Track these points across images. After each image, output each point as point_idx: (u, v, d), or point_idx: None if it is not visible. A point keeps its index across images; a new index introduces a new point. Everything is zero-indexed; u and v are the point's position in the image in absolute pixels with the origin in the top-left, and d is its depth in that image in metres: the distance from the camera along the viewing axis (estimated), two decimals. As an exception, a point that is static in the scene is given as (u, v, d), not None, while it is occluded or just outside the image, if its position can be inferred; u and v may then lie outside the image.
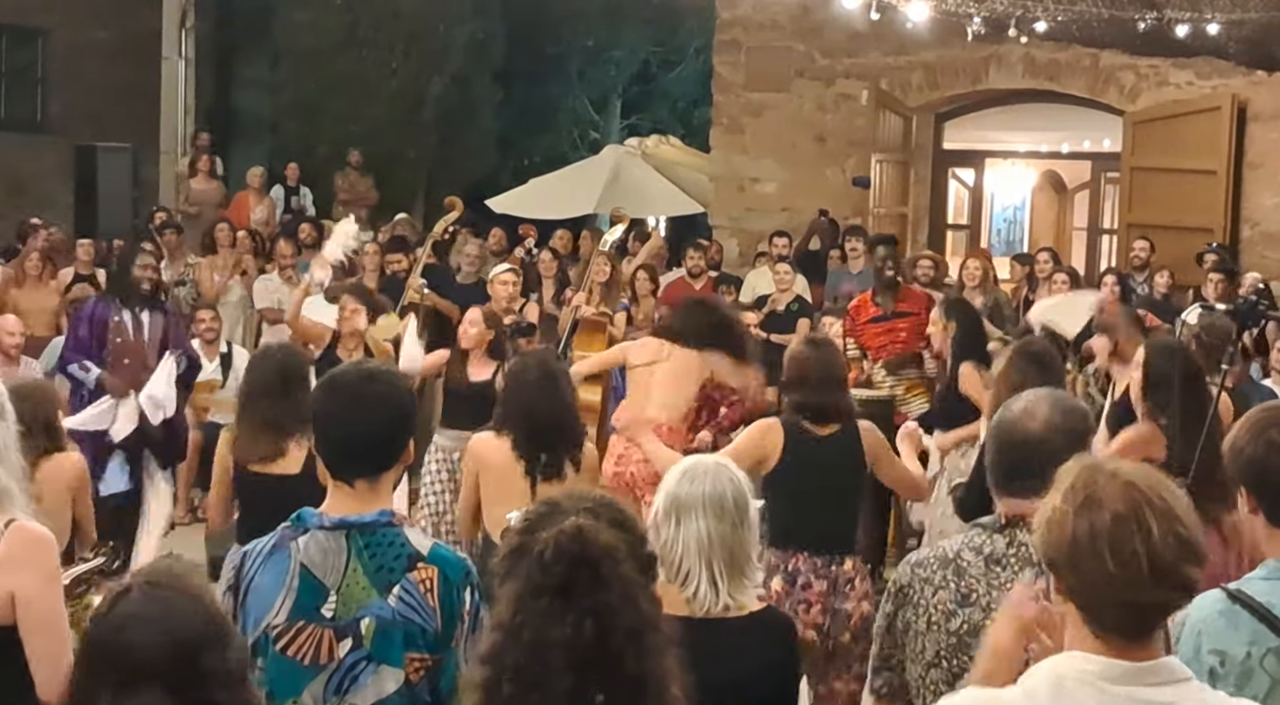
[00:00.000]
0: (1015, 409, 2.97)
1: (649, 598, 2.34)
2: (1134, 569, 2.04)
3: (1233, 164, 12.62)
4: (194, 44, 16.80)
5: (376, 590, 2.84)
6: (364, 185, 16.36)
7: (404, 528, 2.93)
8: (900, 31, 12.90)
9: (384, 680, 2.83)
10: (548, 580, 2.26)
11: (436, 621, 2.84)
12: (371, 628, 2.83)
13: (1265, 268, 11.99)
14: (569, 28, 22.17)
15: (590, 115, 23.96)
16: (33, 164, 15.18)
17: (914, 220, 14.94)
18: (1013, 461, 2.89)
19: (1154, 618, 2.12)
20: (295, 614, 2.84)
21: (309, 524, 2.89)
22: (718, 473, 3.24)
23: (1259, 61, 12.76)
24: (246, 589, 2.88)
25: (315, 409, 3.00)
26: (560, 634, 2.22)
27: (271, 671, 2.84)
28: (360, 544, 2.86)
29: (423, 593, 2.84)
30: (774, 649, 3.26)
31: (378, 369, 3.11)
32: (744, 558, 3.21)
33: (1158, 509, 2.07)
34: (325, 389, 3.01)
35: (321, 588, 2.84)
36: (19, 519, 3.20)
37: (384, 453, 2.93)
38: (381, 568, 2.85)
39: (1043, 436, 2.87)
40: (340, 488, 2.92)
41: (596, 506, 2.44)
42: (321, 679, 2.83)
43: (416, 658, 2.84)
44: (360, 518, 2.86)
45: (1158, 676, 2.09)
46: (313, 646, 2.83)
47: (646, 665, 2.26)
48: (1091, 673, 2.08)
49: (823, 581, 5.02)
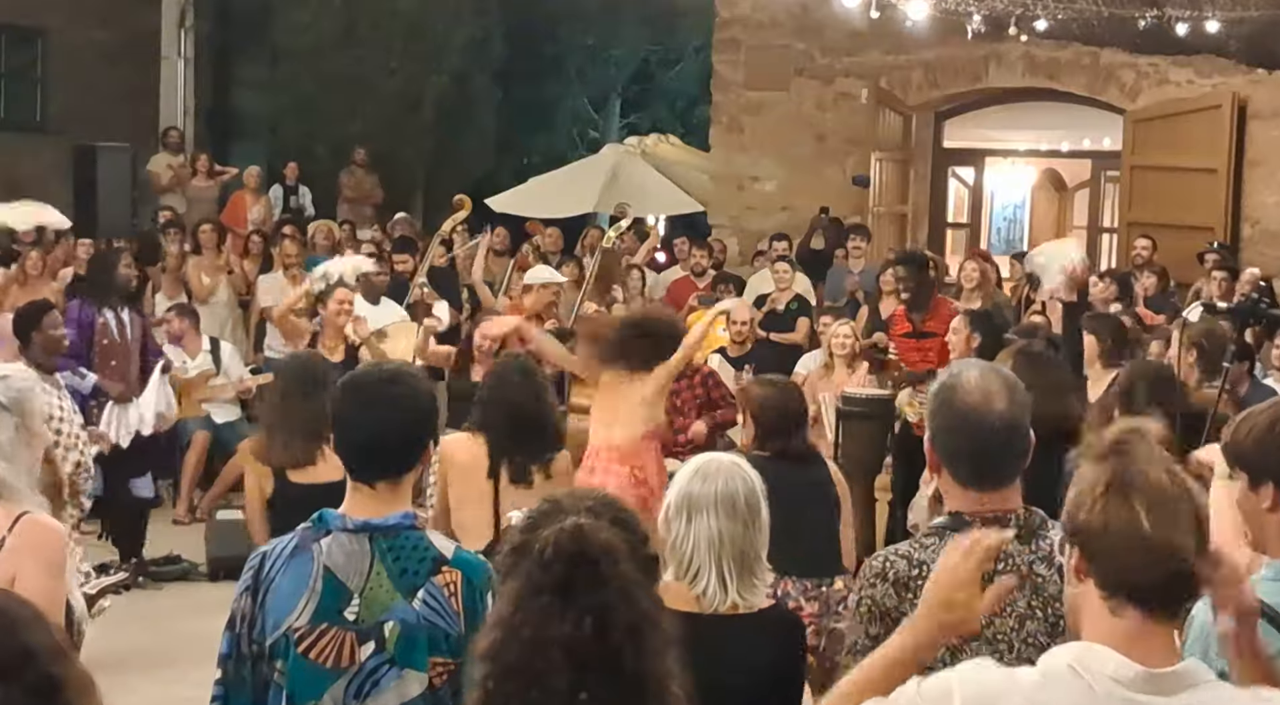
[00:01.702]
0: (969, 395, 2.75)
1: (649, 597, 2.34)
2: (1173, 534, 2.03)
3: (1233, 162, 12.63)
4: (193, 44, 16.82)
5: (400, 594, 2.83)
6: (369, 183, 16.36)
7: (426, 531, 2.93)
8: (900, 30, 12.91)
9: (408, 684, 2.83)
10: (547, 578, 2.25)
11: (460, 625, 2.84)
12: (395, 632, 2.82)
13: (1265, 265, 11.98)
14: (568, 27, 22.19)
15: (589, 114, 23.98)
16: (32, 164, 15.16)
17: (914, 219, 14.95)
18: (978, 451, 2.73)
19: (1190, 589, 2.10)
20: (318, 617, 2.83)
21: (331, 526, 2.88)
22: (730, 472, 3.23)
23: (1259, 59, 12.77)
24: (266, 590, 2.86)
25: (336, 411, 3.00)
26: (560, 632, 2.22)
27: (293, 674, 2.82)
28: (384, 547, 2.85)
29: (447, 597, 2.84)
30: (782, 646, 3.26)
31: (398, 370, 3.11)
32: (754, 558, 3.20)
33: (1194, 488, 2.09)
34: (346, 390, 3.01)
35: (345, 590, 2.83)
36: (32, 512, 3.27)
37: (406, 454, 2.93)
38: (405, 571, 2.84)
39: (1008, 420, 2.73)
40: (360, 489, 2.91)
41: (598, 505, 2.44)
42: (342, 682, 2.82)
43: (440, 662, 2.84)
44: (384, 520, 2.86)
45: (1179, 682, 2.04)
46: (334, 650, 2.82)
47: (646, 663, 2.26)
48: (1108, 676, 2.03)
49: (814, 603, 4.98)
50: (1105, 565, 2.08)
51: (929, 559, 2.70)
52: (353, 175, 16.35)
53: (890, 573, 2.74)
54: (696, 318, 10.39)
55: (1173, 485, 2.07)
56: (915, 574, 2.71)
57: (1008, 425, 2.73)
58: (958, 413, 2.76)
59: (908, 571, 2.73)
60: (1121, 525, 2.05)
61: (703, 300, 10.96)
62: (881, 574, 2.75)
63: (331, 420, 3.01)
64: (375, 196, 16.28)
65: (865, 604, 2.75)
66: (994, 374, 2.81)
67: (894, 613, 2.70)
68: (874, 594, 2.74)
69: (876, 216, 13.76)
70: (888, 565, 2.75)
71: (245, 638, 2.86)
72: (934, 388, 2.86)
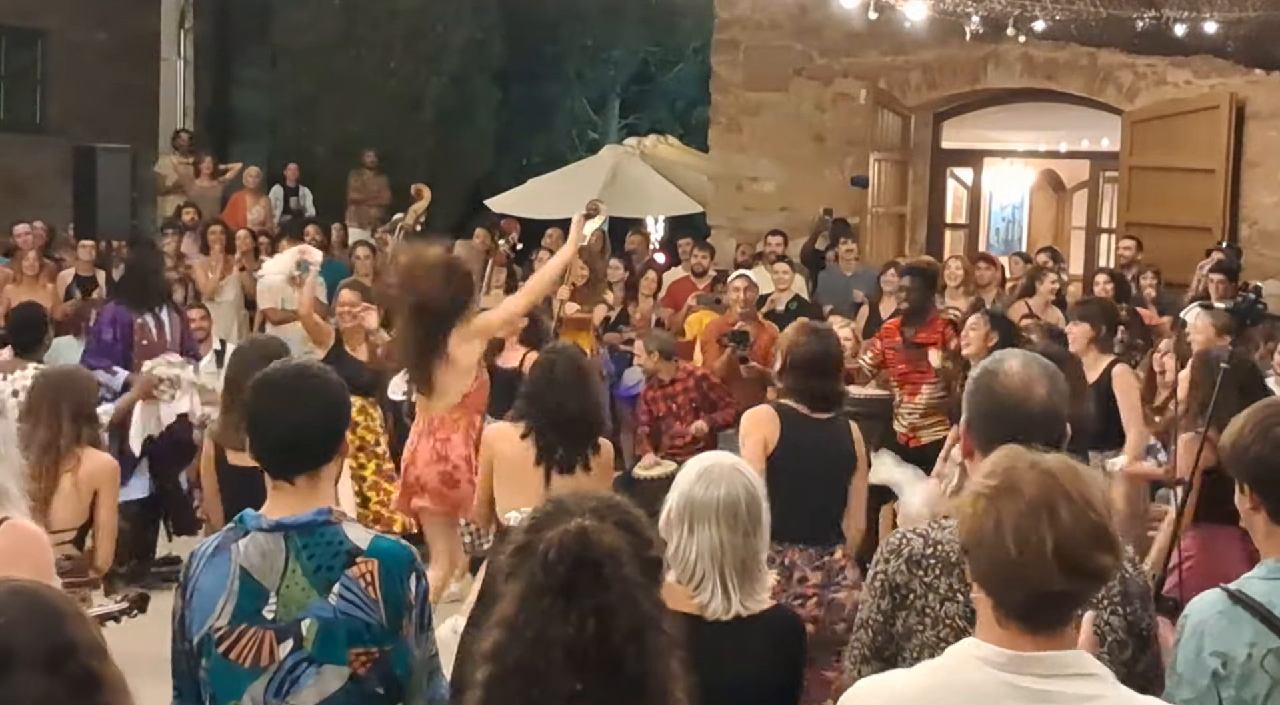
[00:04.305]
0: (1011, 380, 2.83)
1: (652, 599, 2.35)
2: (1041, 557, 2.05)
3: (1231, 163, 12.64)
4: (193, 44, 16.83)
5: (316, 591, 2.85)
6: (377, 185, 16.41)
7: (343, 524, 2.93)
8: (898, 31, 12.93)
9: (326, 680, 2.85)
10: (550, 580, 2.27)
11: (380, 614, 2.86)
12: (313, 629, 2.84)
13: (1263, 266, 12.03)
14: (567, 28, 22.19)
15: (588, 115, 23.98)
16: (31, 165, 15.18)
17: (912, 219, 14.96)
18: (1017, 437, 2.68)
19: (1063, 608, 2.12)
20: (237, 617, 2.85)
21: (249, 526, 2.91)
22: (732, 477, 3.24)
23: (1257, 60, 12.79)
24: (192, 590, 2.90)
25: (251, 410, 3.00)
26: (562, 633, 2.24)
27: (214, 673, 2.86)
28: (299, 545, 2.87)
29: (363, 587, 2.86)
30: (783, 648, 3.26)
31: (309, 364, 3.15)
32: (755, 565, 3.22)
33: (1073, 498, 2.08)
34: (259, 389, 3.00)
35: (261, 590, 2.85)
36: (14, 518, 3.23)
37: (324, 446, 2.96)
38: (320, 568, 2.86)
39: (1048, 407, 2.81)
40: (280, 487, 2.93)
41: (603, 507, 2.44)
42: (262, 681, 2.84)
43: (362, 652, 2.85)
44: (297, 519, 2.88)
45: (1047, 668, 2.08)
46: (253, 649, 2.85)
47: (648, 666, 2.27)
48: (978, 658, 2.10)
49: (818, 573, 5.03)
50: (988, 587, 2.14)
51: (944, 539, 2.81)
52: (361, 177, 16.38)
53: (905, 550, 2.84)
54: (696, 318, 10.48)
55: (1048, 509, 2.07)
56: (929, 553, 2.82)
57: (1047, 413, 2.81)
58: (998, 398, 2.84)
59: (921, 549, 2.83)
60: (998, 557, 2.09)
61: (702, 300, 10.98)
62: (897, 550, 2.85)
63: (247, 422, 3.01)
64: (382, 197, 16.33)
65: (879, 578, 2.86)
66: (1035, 363, 2.89)
67: (903, 589, 2.82)
68: (887, 569, 2.85)
69: (875, 217, 13.77)
70: (904, 543, 2.86)
71: (179, 635, 2.91)
72: (974, 374, 2.94)
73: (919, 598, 2.80)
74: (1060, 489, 2.09)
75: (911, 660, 2.79)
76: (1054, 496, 2.08)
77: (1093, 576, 2.11)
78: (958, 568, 2.78)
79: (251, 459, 3.01)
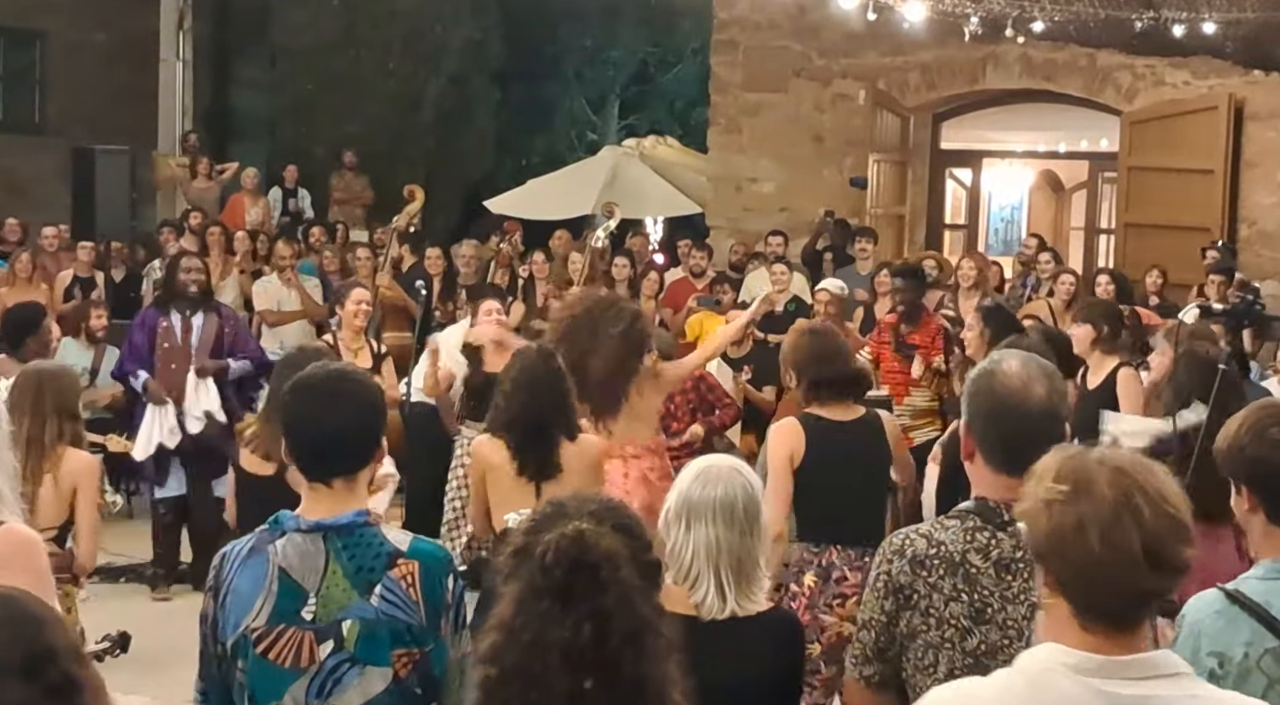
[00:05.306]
0: (1011, 381, 2.82)
1: (650, 603, 2.35)
2: (1130, 557, 2.02)
3: (1230, 163, 12.64)
4: (191, 45, 16.81)
5: (357, 591, 2.86)
6: (359, 185, 16.42)
7: (380, 526, 2.96)
8: (897, 32, 12.93)
9: (370, 681, 2.86)
10: (547, 583, 2.28)
11: (420, 615, 2.87)
12: (355, 630, 2.85)
13: (1261, 266, 12.03)
14: (566, 28, 22.19)
15: (588, 116, 23.97)
16: (31, 166, 15.20)
17: (911, 220, 14.96)
18: (1016, 436, 2.75)
19: (1149, 607, 2.10)
20: (275, 617, 2.86)
21: (286, 527, 2.91)
22: (730, 478, 3.25)
23: (1256, 61, 12.79)
24: (225, 592, 2.89)
25: (288, 414, 3.01)
26: (559, 636, 2.24)
27: (252, 674, 2.85)
28: (338, 545, 2.88)
29: (405, 588, 2.87)
30: (781, 649, 3.27)
31: (345, 367, 3.16)
32: (752, 565, 3.23)
33: (1149, 493, 2.06)
34: (296, 392, 3.01)
35: (300, 591, 2.86)
36: (9, 522, 3.21)
37: (361, 450, 2.96)
38: (361, 568, 2.87)
39: (1047, 407, 2.80)
40: (316, 489, 2.93)
41: (601, 510, 2.44)
42: (303, 682, 2.85)
43: (404, 653, 2.87)
44: (336, 520, 2.89)
45: (1140, 670, 2.05)
46: (293, 650, 2.85)
47: (645, 668, 2.28)
48: (1068, 665, 2.05)
49: (858, 573, 4.98)
50: (1070, 591, 2.10)
51: (948, 539, 2.81)
52: (342, 177, 16.41)
53: (908, 550, 2.83)
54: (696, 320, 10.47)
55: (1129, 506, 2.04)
56: (932, 553, 2.81)
57: (1046, 412, 2.80)
58: (997, 398, 2.84)
59: (925, 550, 2.82)
60: (1082, 558, 2.06)
61: (701, 301, 10.98)
62: (900, 551, 2.84)
63: (284, 425, 3.02)
64: (365, 198, 16.35)
65: (882, 579, 2.85)
66: (1034, 362, 2.89)
67: (907, 589, 2.81)
68: (890, 570, 2.84)
69: (874, 218, 13.76)
70: (906, 543, 2.84)
71: (210, 638, 2.91)
72: (973, 374, 2.93)
73: (923, 598, 2.80)
74: (1137, 485, 2.05)
75: (915, 661, 2.81)
76: (1132, 493, 2.05)
77: (1179, 571, 2.07)
78: (961, 567, 2.79)
79: (285, 462, 3.01)
